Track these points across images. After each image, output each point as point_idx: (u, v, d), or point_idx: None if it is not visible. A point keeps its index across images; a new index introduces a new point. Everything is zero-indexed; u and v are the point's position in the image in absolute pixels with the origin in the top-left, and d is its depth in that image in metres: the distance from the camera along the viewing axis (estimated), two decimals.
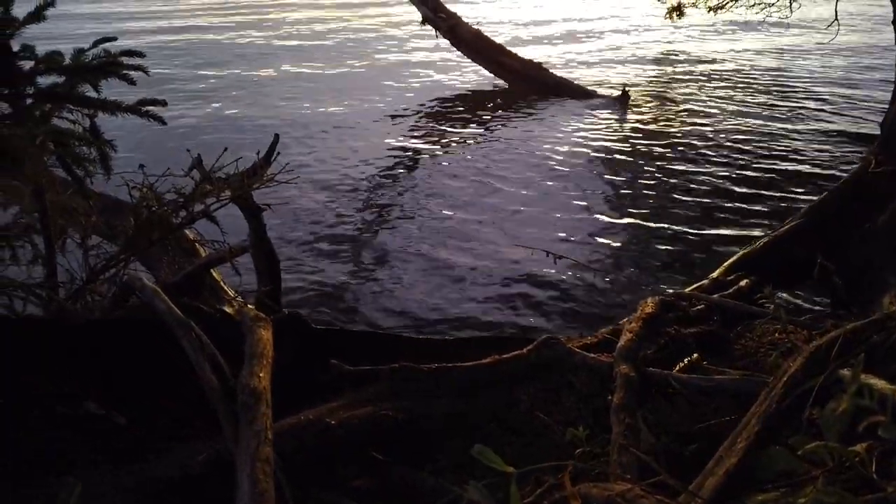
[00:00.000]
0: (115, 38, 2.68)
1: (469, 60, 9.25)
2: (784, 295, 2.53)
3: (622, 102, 8.01)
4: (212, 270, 3.42)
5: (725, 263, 3.59)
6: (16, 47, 2.29)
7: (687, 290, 3.26)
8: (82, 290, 2.33)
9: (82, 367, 1.60)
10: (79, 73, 2.18)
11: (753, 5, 9.92)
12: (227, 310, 2.23)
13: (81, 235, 2.66)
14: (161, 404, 1.53)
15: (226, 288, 3.51)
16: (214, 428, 1.41)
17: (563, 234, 4.66)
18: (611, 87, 8.93)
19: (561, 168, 6.05)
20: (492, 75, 9.08)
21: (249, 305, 2.03)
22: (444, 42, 9.28)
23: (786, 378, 1.38)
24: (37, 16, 2.14)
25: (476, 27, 9.09)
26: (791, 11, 9.76)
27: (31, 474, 1.34)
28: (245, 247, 3.50)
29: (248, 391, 1.30)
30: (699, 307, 2.77)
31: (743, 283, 3.25)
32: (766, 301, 2.27)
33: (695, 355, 2.13)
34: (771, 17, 10.29)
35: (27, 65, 2.29)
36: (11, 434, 1.48)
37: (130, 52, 2.59)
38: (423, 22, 9.08)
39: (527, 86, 8.67)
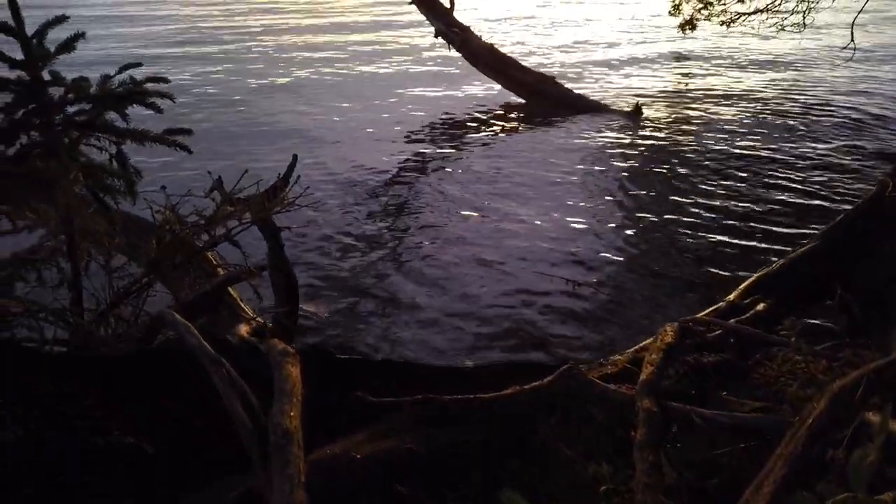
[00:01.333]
0: (140, 65, 2.74)
1: (482, 74, 9.30)
2: (801, 320, 2.52)
3: (635, 117, 8.02)
4: (230, 288, 3.47)
5: (742, 286, 3.58)
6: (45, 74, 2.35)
7: (704, 313, 3.27)
8: (107, 314, 2.37)
9: (113, 399, 1.63)
10: (106, 102, 2.22)
11: (766, 19, 9.95)
12: (251, 337, 2.25)
13: (105, 258, 2.70)
14: (191, 438, 1.56)
15: (244, 306, 3.55)
16: (245, 461, 1.43)
17: (575, 250, 4.66)
18: (623, 102, 8.95)
19: (573, 183, 6.06)
20: (504, 89, 9.12)
21: (273, 338, 2.04)
22: (457, 55, 9.34)
23: (811, 420, 1.39)
24: (67, 46, 2.19)
25: (489, 41, 9.14)
26: (804, 26, 9.78)
27: None
28: (263, 266, 3.56)
29: (280, 432, 1.32)
30: (717, 332, 2.78)
31: (760, 306, 3.26)
32: (785, 331, 2.27)
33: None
34: (784, 28, 10.33)
35: (57, 93, 2.34)
36: (43, 465, 1.51)
37: (156, 79, 2.64)
38: (437, 35, 9.14)
39: (539, 100, 8.70)
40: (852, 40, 8.12)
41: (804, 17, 9.52)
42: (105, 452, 1.47)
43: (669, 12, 10.49)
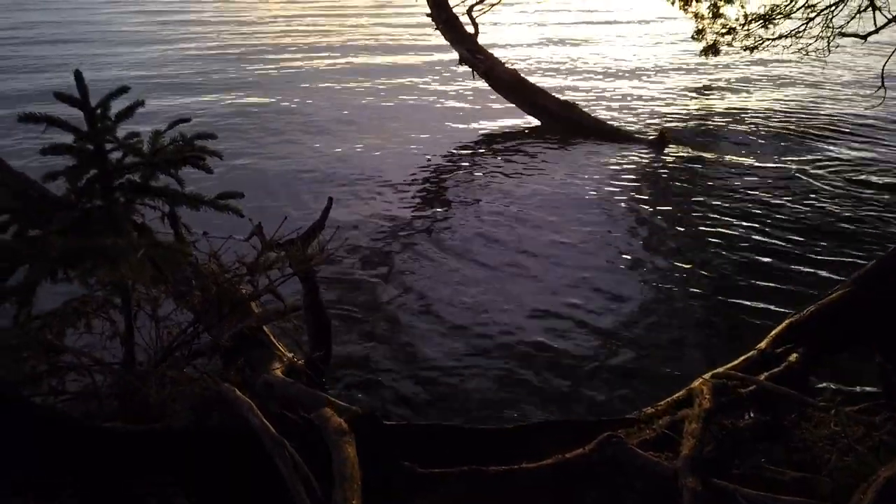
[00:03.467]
0: (188, 119, 2.84)
1: (505, 100, 9.38)
2: (839, 395, 2.53)
3: (659, 145, 8.03)
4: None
5: (772, 333, 3.57)
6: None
7: (735, 363, 3.28)
8: (158, 368, 2.45)
9: (175, 477, 1.69)
10: (159, 165, 2.32)
11: (790, 45, 9.93)
12: (293, 380, 2.32)
13: (153, 307, 2.79)
14: None
15: (275, 342, 3.62)
16: None
17: (595, 287, 4.64)
18: (647, 128, 8.97)
19: (594, 215, 6.04)
20: (527, 115, 9.19)
21: (326, 410, 2.09)
22: (480, 82, 9.44)
23: None
24: (127, 114, 2.30)
25: (512, 68, 9.24)
26: (829, 51, 9.75)
27: None
28: (298, 306, 3.63)
29: None
30: (751, 388, 2.80)
31: (792, 357, 3.27)
32: (824, 401, 2.29)
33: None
34: (808, 54, 10.29)
35: (110, 144, 2.44)
36: None
37: (204, 135, 2.74)
38: (461, 62, 9.25)
39: (562, 126, 8.76)
40: (882, 85, 8.09)
41: (829, 43, 9.50)
42: None
43: (692, 37, 10.52)
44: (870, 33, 8.35)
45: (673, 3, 9.95)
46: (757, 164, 7.53)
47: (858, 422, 2.41)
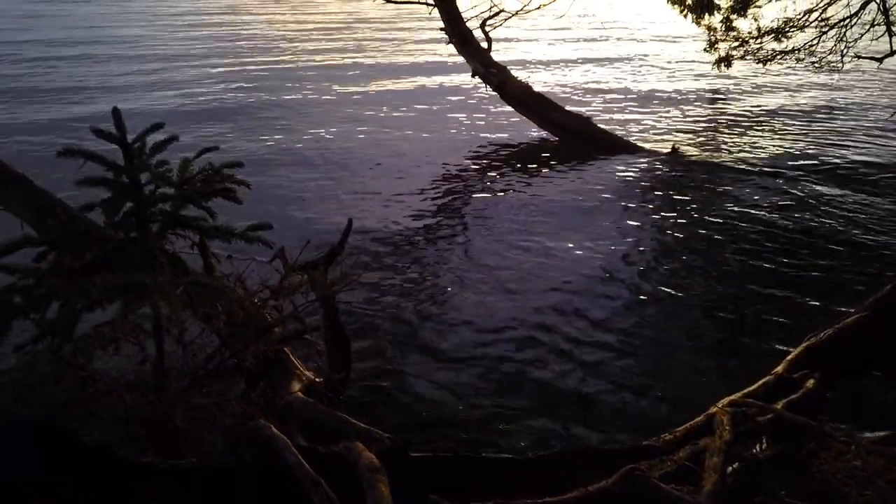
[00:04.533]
0: (216, 148, 2.91)
1: (517, 113, 9.43)
2: (862, 434, 2.54)
3: (672, 160, 8.04)
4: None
5: (789, 357, 3.58)
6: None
7: (753, 388, 3.30)
8: (187, 394, 2.51)
9: None
10: (191, 198, 2.38)
11: (803, 58, 9.93)
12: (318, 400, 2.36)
13: (180, 330, 2.85)
14: None
15: (295, 361, 3.68)
16: None
17: (606, 305, 4.66)
18: (659, 142, 9.00)
19: (605, 230, 6.06)
20: (539, 129, 9.24)
21: (357, 445, 2.13)
22: (493, 94, 9.51)
23: None
24: (161, 148, 2.36)
25: (525, 81, 9.29)
26: (842, 64, 9.74)
27: None
28: (318, 326, 3.69)
29: None
30: (769, 416, 2.82)
31: (809, 383, 3.28)
32: (844, 437, 2.31)
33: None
34: (822, 67, 10.29)
35: (146, 185, 2.51)
36: None
37: (231, 164, 2.81)
38: (474, 75, 9.31)
39: (574, 140, 8.80)
40: None
41: (842, 57, 9.49)
42: None
43: (705, 49, 10.54)
44: (885, 56, 8.35)
45: (686, 16, 9.97)
46: (771, 177, 7.50)
47: (878, 454, 2.43)
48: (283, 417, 3.09)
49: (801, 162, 8.18)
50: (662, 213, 6.50)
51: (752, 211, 6.49)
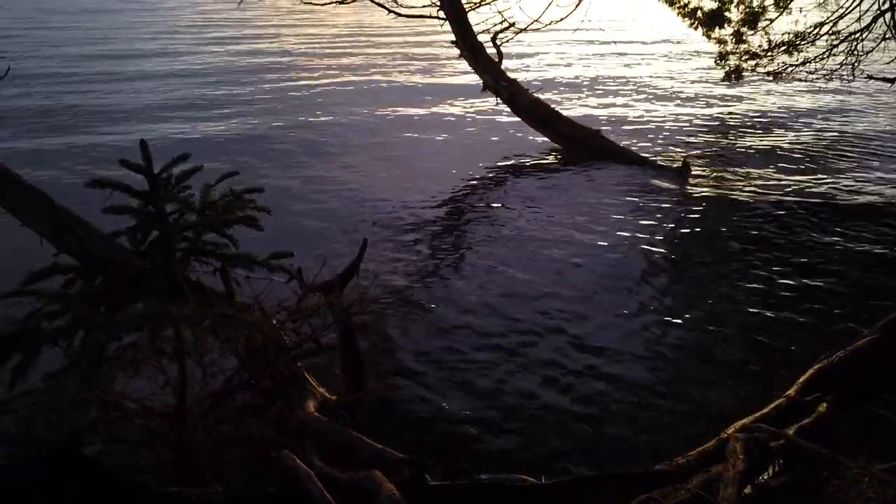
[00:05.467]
0: (236, 173, 2.98)
1: (527, 126, 9.48)
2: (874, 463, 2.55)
3: (682, 174, 8.04)
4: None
5: (801, 380, 3.60)
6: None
7: (765, 412, 3.31)
8: (208, 417, 2.56)
9: None
10: (215, 226, 2.44)
11: (815, 71, 9.92)
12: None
13: (200, 353, 2.91)
14: None
15: (309, 378, 3.72)
16: None
17: (614, 323, 4.66)
18: (670, 155, 9.01)
19: (615, 247, 6.07)
20: (549, 141, 9.28)
21: (377, 474, 2.17)
22: (503, 107, 9.55)
23: None
24: (185, 178, 2.43)
25: (535, 94, 9.33)
26: (853, 77, 9.73)
27: None
28: (333, 345, 3.74)
29: None
30: (781, 442, 2.84)
31: (822, 407, 3.30)
32: (858, 470, 2.33)
33: None
34: (832, 80, 10.28)
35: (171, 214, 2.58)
36: None
37: (252, 189, 2.87)
38: (485, 88, 9.37)
39: (584, 153, 8.83)
40: None
41: (853, 70, 9.49)
42: None
43: (715, 62, 10.56)
44: None
45: (696, 29, 9.99)
46: (783, 194, 7.47)
47: (890, 483, 2.44)
48: (299, 435, 3.14)
49: (816, 177, 8.16)
50: (670, 231, 6.50)
51: (762, 230, 6.46)
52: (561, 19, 8.28)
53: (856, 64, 9.43)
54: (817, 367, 3.74)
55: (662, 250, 6.03)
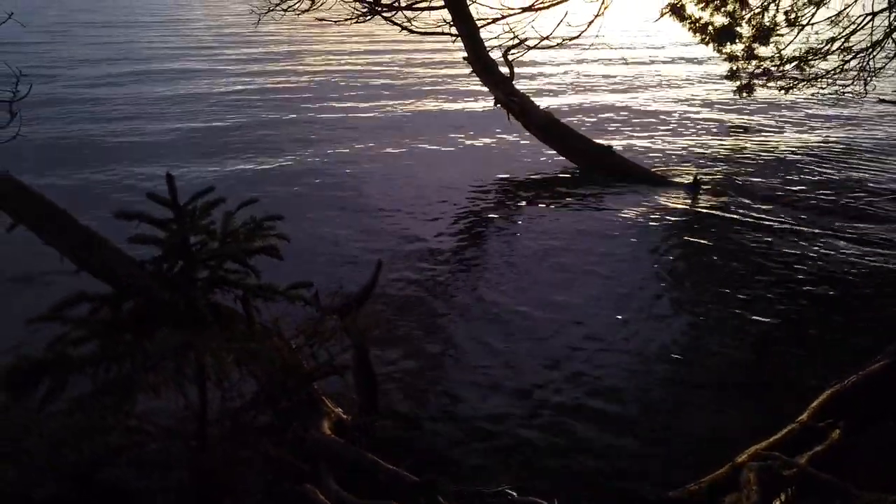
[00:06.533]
0: (256, 200, 3.05)
1: (539, 142, 9.53)
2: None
3: (694, 191, 8.06)
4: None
5: (813, 404, 3.60)
6: None
7: (777, 437, 3.33)
8: (228, 442, 2.61)
9: None
10: (237, 256, 2.51)
11: (827, 86, 9.93)
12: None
13: (220, 376, 2.97)
14: None
15: (323, 398, 3.77)
16: None
17: (623, 348, 4.66)
18: (681, 171, 9.03)
19: (625, 263, 6.08)
20: (560, 157, 9.33)
21: None
22: (515, 123, 9.61)
23: None
24: (208, 210, 2.50)
25: (547, 109, 9.39)
26: (866, 91, 9.73)
27: None
28: (348, 366, 3.79)
29: None
30: (794, 470, 2.86)
31: (834, 434, 3.31)
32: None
33: None
34: (844, 95, 10.28)
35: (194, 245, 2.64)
36: None
37: (272, 217, 2.94)
38: (496, 104, 9.43)
39: (596, 169, 8.87)
40: None
41: (865, 85, 9.48)
42: None
43: (726, 76, 10.60)
44: None
45: (707, 44, 10.02)
46: (795, 211, 7.47)
47: None
48: (314, 457, 3.19)
49: (827, 194, 8.15)
50: (682, 249, 6.52)
51: (774, 248, 6.45)
52: (573, 38, 8.34)
53: (867, 80, 9.43)
54: (830, 391, 3.75)
55: (672, 270, 6.03)
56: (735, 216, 7.39)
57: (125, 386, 2.12)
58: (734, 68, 10.24)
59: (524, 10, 8.76)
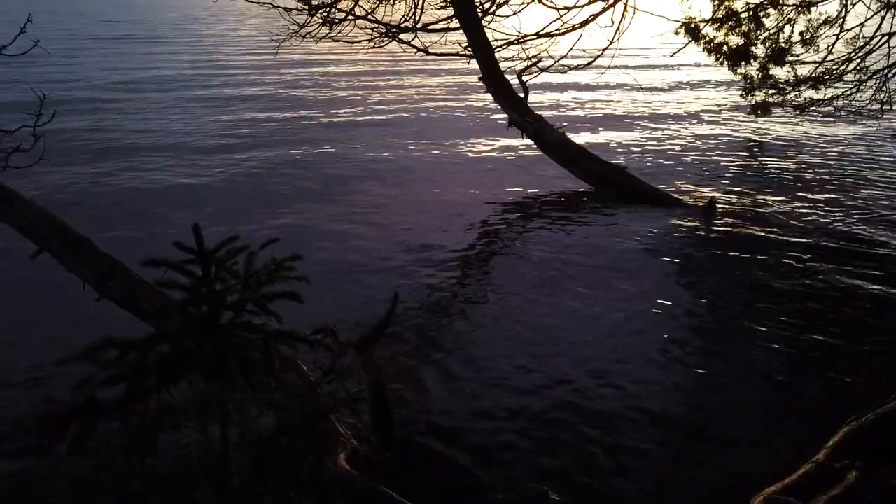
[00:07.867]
0: (277, 240, 3.12)
1: (553, 162, 9.57)
2: None
3: (707, 214, 8.05)
4: None
5: (830, 443, 3.59)
6: None
7: (793, 478, 3.31)
8: (249, 484, 2.67)
9: None
10: (258, 302, 2.57)
11: (843, 107, 9.90)
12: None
13: (243, 424, 3.03)
14: None
15: (339, 427, 3.81)
16: None
17: (636, 377, 4.65)
18: (695, 193, 9.02)
19: (638, 287, 6.07)
20: (574, 178, 9.36)
21: None
22: (529, 142, 9.67)
23: None
24: (232, 256, 2.57)
25: (560, 130, 9.43)
26: (882, 112, 9.69)
27: None
28: (363, 398, 3.84)
29: None
30: None
31: (851, 476, 3.30)
32: None
33: None
34: (860, 115, 10.23)
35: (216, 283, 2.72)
36: None
37: (293, 258, 3.00)
38: (510, 124, 9.49)
39: (609, 190, 8.88)
40: None
41: (882, 106, 9.44)
42: None
43: (741, 96, 10.60)
44: None
45: (722, 64, 10.03)
46: (811, 237, 7.40)
47: None
48: (331, 491, 3.24)
49: (843, 216, 8.08)
50: (696, 275, 6.50)
51: (790, 275, 6.38)
52: (589, 63, 8.39)
53: (884, 100, 9.39)
54: (846, 429, 3.72)
55: (683, 297, 6.00)
56: (749, 240, 7.34)
57: (149, 441, 2.18)
58: (749, 88, 10.27)
59: (538, 35, 8.83)
